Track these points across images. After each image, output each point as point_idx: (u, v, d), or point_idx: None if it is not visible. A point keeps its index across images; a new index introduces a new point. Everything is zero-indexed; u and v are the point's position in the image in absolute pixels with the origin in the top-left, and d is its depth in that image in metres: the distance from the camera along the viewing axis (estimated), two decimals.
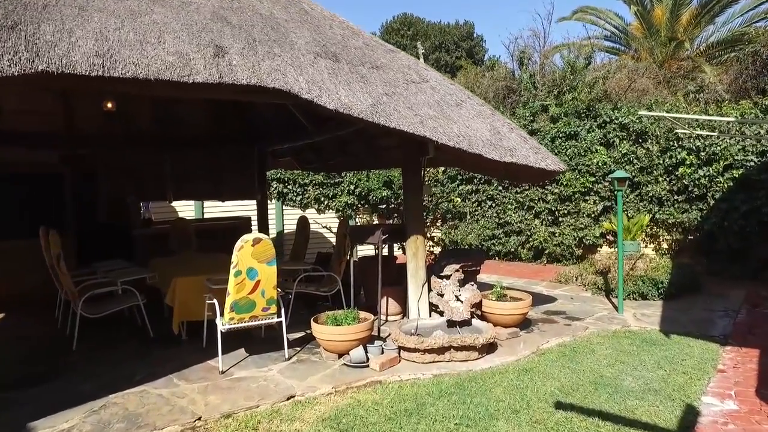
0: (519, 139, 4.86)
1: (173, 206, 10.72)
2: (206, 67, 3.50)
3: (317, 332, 4.64)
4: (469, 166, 5.96)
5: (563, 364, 4.38)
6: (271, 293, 4.51)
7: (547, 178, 4.94)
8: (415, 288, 5.21)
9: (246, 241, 4.28)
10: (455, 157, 5.59)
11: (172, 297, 5.08)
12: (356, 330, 4.54)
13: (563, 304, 6.69)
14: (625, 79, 10.69)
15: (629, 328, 5.47)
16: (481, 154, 4.36)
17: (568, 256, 10.13)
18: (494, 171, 5.65)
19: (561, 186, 10.10)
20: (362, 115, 3.94)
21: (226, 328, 4.45)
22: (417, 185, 5.21)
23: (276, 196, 11.60)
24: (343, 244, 6.13)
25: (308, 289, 6.03)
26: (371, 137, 6.77)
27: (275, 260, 4.45)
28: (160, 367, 4.52)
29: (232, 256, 4.28)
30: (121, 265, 6.44)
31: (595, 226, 9.82)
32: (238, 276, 4.31)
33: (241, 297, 4.37)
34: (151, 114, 8.13)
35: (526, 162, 4.62)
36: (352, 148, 7.43)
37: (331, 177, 11.85)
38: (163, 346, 5.14)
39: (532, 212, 10.63)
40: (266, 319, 4.61)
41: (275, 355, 4.81)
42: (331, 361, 4.63)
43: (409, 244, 5.19)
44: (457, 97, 4.92)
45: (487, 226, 11.19)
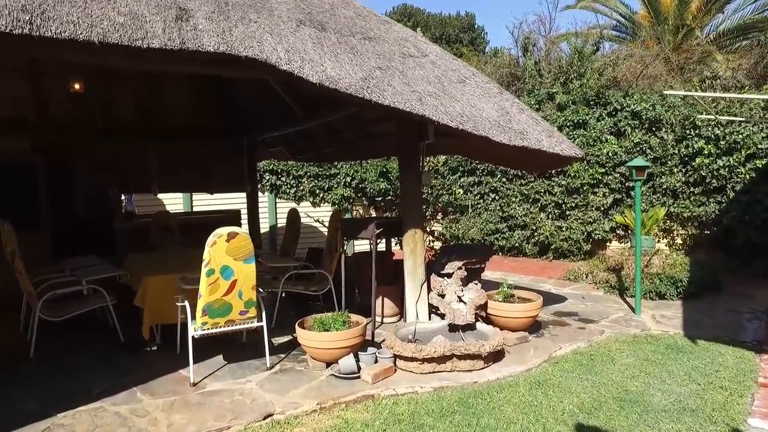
0: (530, 120, 4.32)
1: (160, 199, 10.19)
2: (166, 31, 2.96)
3: (302, 339, 4.12)
4: (474, 153, 5.43)
5: (581, 376, 3.86)
6: (249, 295, 3.98)
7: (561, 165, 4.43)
8: (412, 288, 4.69)
9: (219, 236, 3.75)
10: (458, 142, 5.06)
11: (142, 297, 4.56)
12: (346, 336, 4.02)
13: (574, 305, 6.17)
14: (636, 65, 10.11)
15: (649, 332, 4.95)
16: (488, 137, 3.82)
17: (575, 251, 9.61)
18: (501, 158, 5.12)
19: (568, 177, 9.56)
20: (351, 90, 3.40)
21: (198, 333, 3.93)
22: (415, 174, 4.68)
23: (269, 189, 11.07)
24: (335, 239, 5.60)
25: (296, 287, 5.51)
26: (365, 123, 6.23)
27: (254, 257, 3.92)
28: (124, 378, 4.00)
29: (204, 253, 3.76)
30: (93, 262, 5.92)
31: (604, 219, 9.29)
32: (210, 275, 3.78)
33: (215, 299, 3.85)
34: (133, 102, 7.60)
35: (538, 146, 4.08)
36: (345, 136, 6.90)
37: (326, 168, 11.31)
38: (133, 352, 4.62)
39: (538, 205, 10.09)
40: (245, 324, 4.09)
41: (256, 364, 4.30)
42: (318, 371, 4.11)
43: (407, 239, 4.66)
44: (460, 74, 4.37)
45: (490, 220, 10.66)
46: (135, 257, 5.93)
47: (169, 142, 8.13)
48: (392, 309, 5.59)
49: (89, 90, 7.07)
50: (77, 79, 5.88)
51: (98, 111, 7.32)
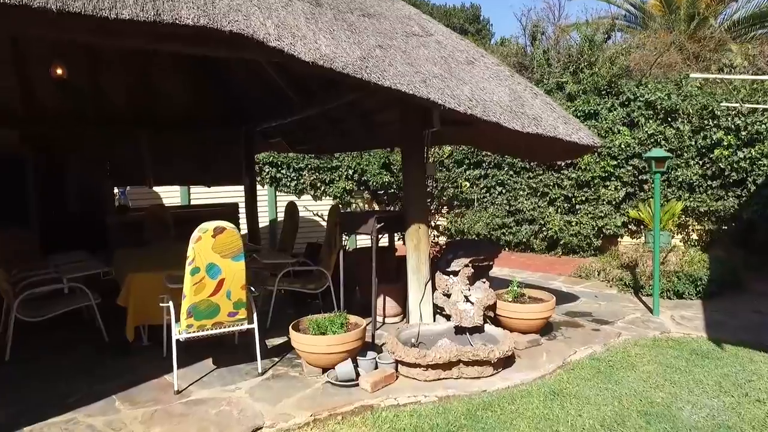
0: (545, 106, 3.98)
1: (157, 193, 9.90)
2: (138, 1, 2.63)
3: (297, 342, 3.81)
4: (482, 143, 5.09)
5: (600, 385, 3.53)
6: (239, 295, 3.67)
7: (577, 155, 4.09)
8: (416, 287, 4.37)
9: (204, 231, 3.43)
10: (465, 131, 4.72)
11: (125, 296, 4.26)
12: (343, 340, 3.70)
13: (587, 304, 5.83)
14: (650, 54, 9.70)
15: (670, 335, 4.61)
16: (498, 123, 3.48)
17: (585, 247, 9.25)
18: (512, 147, 4.78)
19: (579, 170, 9.19)
20: (348, 70, 3.07)
21: (183, 337, 3.63)
22: (419, 165, 4.35)
23: (268, 182, 10.75)
24: (334, 234, 5.29)
25: (293, 285, 5.19)
26: (366, 112, 5.91)
27: (243, 254, 3.61)
28: (104, 384, 3.71)
29: (188, 250, 3.44)
30: (80, 258, 5.61)
31: (616, 214, 8.92)
32: (195, 274, 3.47)
33: (200, 300, 3.54)
34: (125, 91, 7.28)
35: (554, 134, 3.73)
36: (346, 125, 6.57)
37: (328, 161, 10.99)
38: (117, 355, 4.33)
39: (546, 199, 9.73)
40: (234, 326, 3.78)
41: (247, 369, 3.99)
42: (314, 377, 3.80)
43: (410, 234, 4.33)
44: (468, 55, 4.02)
45: (497, 214, 10.31)
46: (124, 252, 5.64)
47: (163, 132, 7.84)
48: (395, 309, 5.28)
49: (78, 79, 6.76)
50: (59, 65, 5.53)
51: (88, 101, 7.01)
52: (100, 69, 6.91)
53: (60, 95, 6.77)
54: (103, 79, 7.01)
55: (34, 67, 6.43)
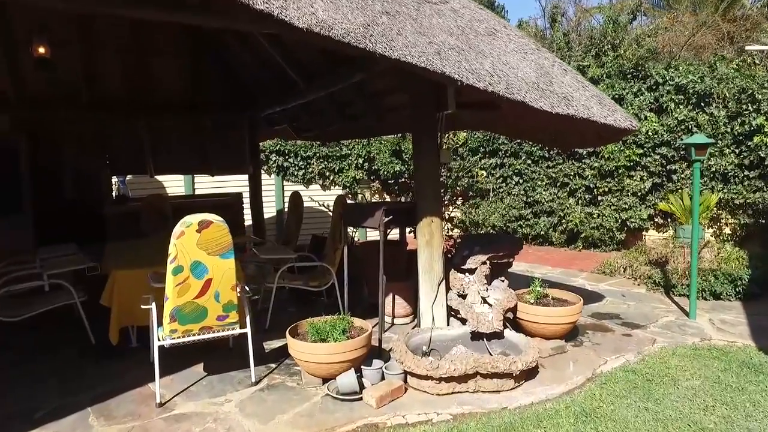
0: (576, 83, 3.49)
1: (160, 182, 9.57)
2: None
3: (294, 350, 3.40)
4: (502, 127, 4.61)
5: (638, 404, 3.08)
6: (228, 296, 3.27)
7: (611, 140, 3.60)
8: (428, 287, 3.93)
9: (188, 225, 3.03)
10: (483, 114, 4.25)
11: (109, 295, 3.89)
12: (346, 349, 3.29)
13: (614, 304, 5.36)
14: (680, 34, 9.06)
15: (712, 343, 4.13)
16: (524, 101, 3.01)
17: (608, 241, 8.73)
18: (535, 132, 4.29)
19: (601, 159, 8.65)
20: (349, 39, 2.62)
21: (167, 343, 3.25)
22: (432, 152, 3.89)
23: (275, 171, 10.36)
24: (339, 227, 4.87)
25: (294, 282, 4.80)
26: (374, 95, 5.45)
27: (232, 251, 3.20)
28: (81, 394, 3.35)
29: (170, 246, 3.05)
30: (69, 251, 5.27)
31: (641, 206, 8.38)
32: (178, 274, 3.07)
33: (185, 302, 3.15)
34: (121, 74, 6.89)
35: (587, 115, 3.25)
36: (353, 110, 6.12)
37: (337, 149, 10.56)
38: (101, 358, 3.97)
39: (567, 190, 9.21)
40: (224, 331, 3.39)
41: (240, 377, 3.61)
42: (312, 389, 3.40)
43: (421, 228, 3.89)
44: (488, 25, 3.54)
45: (514, 206, 9.81)
46: (116, 246, 5.28)
47: (162, 118, 7.45)
48: (405, 308, 4.86)
49: (70, 61, 6.39)
50: (41, 43, 5.14)
51: (82, 83, 6.64)
52: (92, 51, 6.52)
53: (51, 78, 6.41)
54: (97, 62, 6.62)
55: (22, 49, 6.06)
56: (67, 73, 6.50)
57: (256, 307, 5.22)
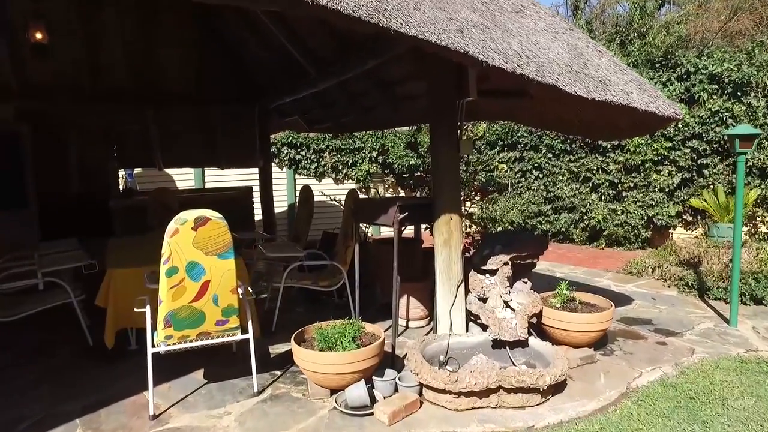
0: (613, 66, 3.14)
1: (170, 175, 9.39)
2: None
3: (300, 359, 3.12)
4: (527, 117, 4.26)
5: (683, 427, 2.74)
6: (228, 300, 3.00)
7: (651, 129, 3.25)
8: (445, 290, 3.63)
9: (183, 223, 2.76)
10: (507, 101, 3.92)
11: (104, 295, 3.65)
12: (356, 359, 3.00)
13: (645, 308, 4.99)
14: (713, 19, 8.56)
15: (759, 354, 3.76)
16: (556, 85, 2.68)
17: (632, 239, 8.32)
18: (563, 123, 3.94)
19: (627, 153, 8.23)
20: (359, 13, 2.31)
21: (162, 349, 2.99)
22: (451, 143, 3.57)
23: (287, 164, 10.11)
24: (350, 223, 4.58)
25: (302, 282, 4.52)
26: (389, 84, 5.14)
27: (232, 250, 2.93)
28: (70, 403, 3.12)
29: (163, 246, 2.78)
30: (71, 246, 5.06)
31: (668, 202, 7.95)
32: (173, 275, 2.81)
33: (180, 306, 2.89)
34: (126, 63, 6.66)
35: (626, 101, 2.90)
36: (367, 100, 5.81)
37: (350, 142, 10.26)
38: (101, 361, 3.75)
39: (589, 185, 8.81)
40: (224, 337, 3.12)
41: (242, 385, 3.35)
42: (319, 400, 3.13)
43: (439, 226, 3.58)
44: (515, 1, 3.20)
45: (533, 201, 9.43)
46: (119, 242, 5.06)
47: (170, 109, 7.23)
48: (420, 310, 4.56)
49: (74, 50, 6.18)
50: (38, 28, 4.91)
51: (86, 73, 6.43)
52: (96, 40, 6.30)
53: (55, 68, 6.21)
54: (101, 51, 6.40)
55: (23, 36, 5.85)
56: (70, 63, 6.30)
57: (263, 306, 4.97)
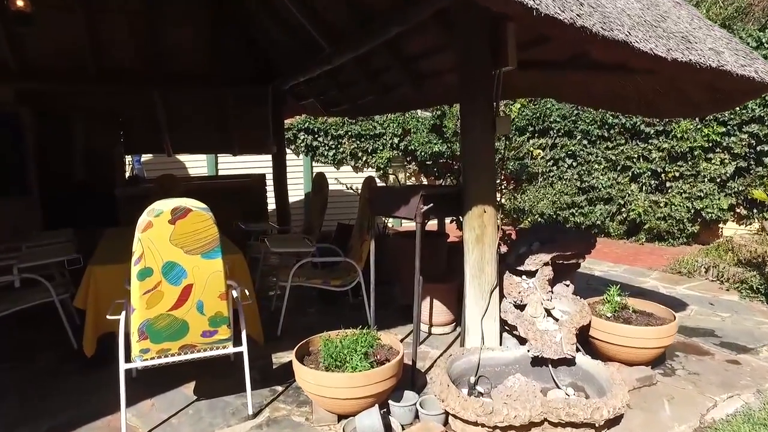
0: (697, 21, 2.51)
1: (182, 162, 8.99)
2: None
3: (303, 380, 2.61)
4: (572, 92, 3.60)
5: None
6: (216, 307, 2.50)
7: (736, 102, 2.65)
8: (476, 295, 3.07)
9: (157, 214, 2.26)
10: (549, 76, 3.33)
11: (84, 295, 3.19)
12: (368, 380, 2.48)
13: (705, 316, 4.35)
14: None
15: None
16: (627, 42, 2.07)
17: (676, 233, 7.60)
18: (616, 98, 3.30)
19: (672, 139, 7.49)
20: None
21: (139, 365, 2.52)
22: (485, 121, 2.99)
23: (304, 150, 9.61)
24: (367, 215, 4.05)
25: (312, 281, 4.01)
26: (412, 58, 4.57)
27: (219, 249, 2.42)
28: (38, 421, 2.68)
29: (134, 243, 2.29)
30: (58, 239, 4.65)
31: (720, 194, 7.20)
32: (146, 278, 2.32)
33: (157, 315, 2.40)
34: (131, 43, 6.19)
35: (717, 63, 2.26)
36: (386, 78, 5.25)
37: (370, 128, 9.70)
38: (81, 368, 3.31)
39: (628, 174, 8.09)
40: (212, 350, 2.63)
41: (237, 404, 2.87)
42: (324, 427, 2.62)
43: (470, 220, 3.02)
44: None
45: (565, 191, 8.74)
46: (115, 232, 4.64)
47: (179, 91, 6.79)
48: (445, 315, 4.02)
49: (74, 27, 5.75)
50: None
51: (88, 53, 5.99)
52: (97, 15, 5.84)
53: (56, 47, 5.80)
54: (104, 28, 5.94)
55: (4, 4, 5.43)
56: (72, 41, 5.87)
57: (270, 306, 4.50)
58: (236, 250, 3.56)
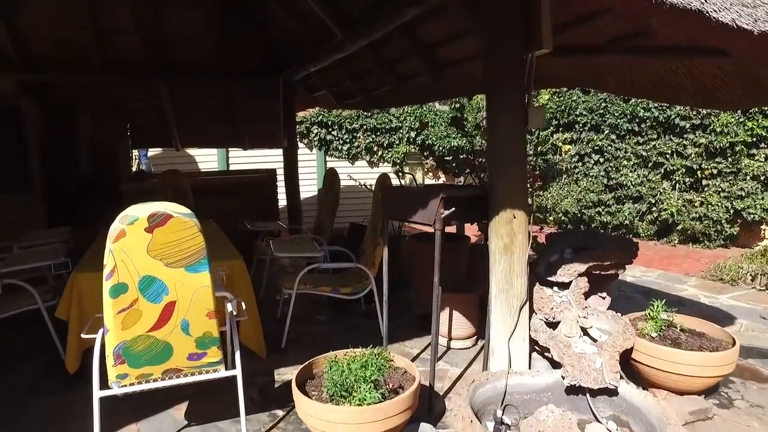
0: None
1: (192, 157, 8.73)
2: None
3: (304, 412, 2.27)
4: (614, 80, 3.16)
5: None
6: (204, 327, 2.17)
7: None
8: (504, 312, 2.69)
9: (132, 222, 1.93)
10: (593, 58, 2.93)
11: (67, 305, 2.89)
12: (378, 415, 2.12)
13: (756, 332, 3.90)
14: None
15: None
16: (702, 11, 1.67)
17: (713, 235, 7.11)
18: (665, 87, 2.88)
19: (711, 134, 6.98)
20: None
21: (117, 391, 2.20)
22: (516, 112, 2.59)
23: (317, 145, 9.28)
24: (380, 216, 3.69)
25: (319, 289, 3.67)
26: (430, 45, 4.18)
27: (206, 260, 2.08)
28: None
29: (105, 254, 1.96)
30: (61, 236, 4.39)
31: (763, 193, 6.69)
32: (119, 295, 1.99)
33: (134, 336, 2.07)
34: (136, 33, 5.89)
35: None
36: (402, 67, 4.87)
37: (386, 121, 9.32)
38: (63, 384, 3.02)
39: (660, 171, 7.60)
40: (201, 374, 2.30)
41: (232, 431, 2.54)
42: None
43: (498, 226, 2.63)
44: None
45: (591, 189, 8.27)
46: None
47: (186, 82, 6.50)
48: (465, 328, 3.64)
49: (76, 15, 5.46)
50: None
51: (91, 42, 5.71)
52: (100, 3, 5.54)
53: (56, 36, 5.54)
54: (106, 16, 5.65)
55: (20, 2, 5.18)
56: (74, 30, 5.60)
57: (276, 312, 4.18)
58: (236, 254, 3.24)
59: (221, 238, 3.86)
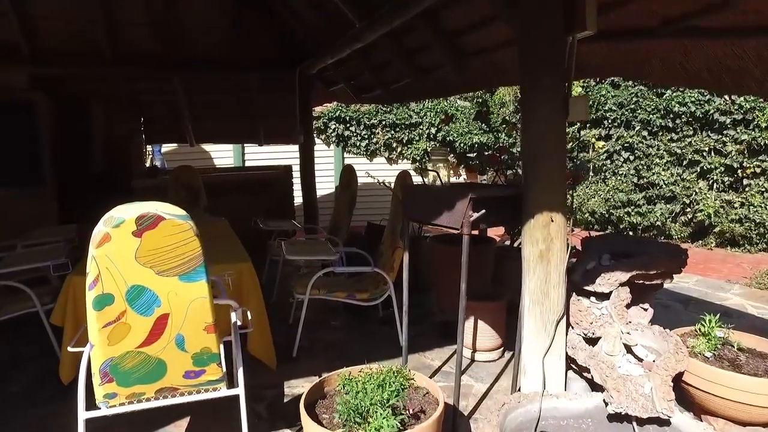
0: None
1: (207, 152, 8.57)
2: None
3: None
4: (662, 69, 2.84)
5: None
6: (202, 342, 1.93)
7: None
8: (538, 326, 2.39)
9: (117, 224, 1.69)
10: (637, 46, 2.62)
11: (61, 311, 2.69)
12: None
13: None
14: None
15: None
16: None
17: (755, 238, 6.67)
18: (730, 73, 2.55)
19: (754, 130, 6.54)
20: None
21: (106, 412, 1.97)
22: (555, 101, 2.30)
23: (335, 141, 9.04)
24: (399, 217, 3.42)
25: (334, 294, 3.41)
26: (454, 33, 3.88)
27: (203, 268, 1.83)
28: None
29: (87, 261, 1.73)
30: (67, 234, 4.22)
31: None
32: (104, 307, 1.76)
33: (123, 353, 1.84)
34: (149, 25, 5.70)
35: None
36: (424, 58, 4.58)
37: (406, 116, 9.04)
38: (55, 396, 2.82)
39: (696, 170, 7.18)
40: (198, 392, 2.07)
41: None
42: None
43: (532, 231, 2.34)
44: None
45: (621, 188, 7.87)
46: None
47: (200, 76, 6.31)
48: (491, 339, 3.35)
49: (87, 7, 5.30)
50: None
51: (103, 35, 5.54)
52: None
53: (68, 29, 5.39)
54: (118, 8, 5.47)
55: None
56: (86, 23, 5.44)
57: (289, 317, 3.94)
58: (244, 257, 3.01)
59: (231, 237, 3.64)
